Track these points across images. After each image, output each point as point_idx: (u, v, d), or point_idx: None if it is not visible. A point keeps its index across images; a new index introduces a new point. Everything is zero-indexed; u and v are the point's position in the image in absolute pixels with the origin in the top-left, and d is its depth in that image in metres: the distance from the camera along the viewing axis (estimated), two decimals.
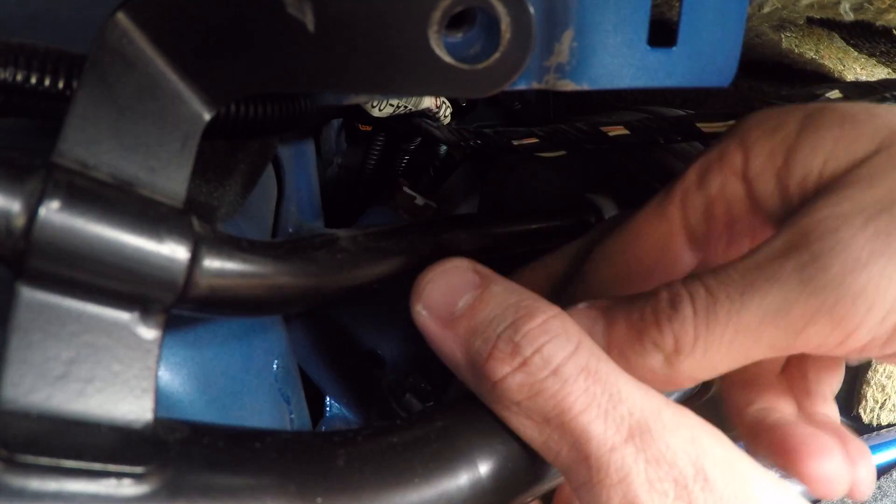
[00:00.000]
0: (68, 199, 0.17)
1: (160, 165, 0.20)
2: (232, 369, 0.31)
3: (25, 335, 0.18)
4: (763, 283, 0.23)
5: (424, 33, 0.19)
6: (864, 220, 0.22)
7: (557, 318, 0.24)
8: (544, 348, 0.23)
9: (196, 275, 0.20)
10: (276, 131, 0.29)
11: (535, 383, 0.23)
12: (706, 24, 0.23)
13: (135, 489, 0.17)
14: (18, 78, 0.22)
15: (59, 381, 0.18)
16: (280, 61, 0.20)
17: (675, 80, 0.23)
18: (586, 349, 0.24)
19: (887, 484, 0.61)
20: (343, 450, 0.21)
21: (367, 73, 0.20)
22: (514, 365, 0.24)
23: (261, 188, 0.40)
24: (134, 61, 0.19)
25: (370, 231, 0.30)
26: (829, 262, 0.22)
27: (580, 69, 0.22)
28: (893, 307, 0.21)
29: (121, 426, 0.18)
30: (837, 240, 0.22)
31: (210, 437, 0.20)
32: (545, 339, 0.24)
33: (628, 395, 0.22)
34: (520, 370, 0.24)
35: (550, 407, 0.23)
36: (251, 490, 0.19)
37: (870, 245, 0.21)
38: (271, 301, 0.24)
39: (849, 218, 0.22)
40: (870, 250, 0.21)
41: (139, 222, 0.19)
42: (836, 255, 0.22)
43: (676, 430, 0.22)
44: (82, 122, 0.19)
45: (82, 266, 0.18)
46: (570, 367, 0.23)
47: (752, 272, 0.23)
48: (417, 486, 0.22)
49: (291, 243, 0.26)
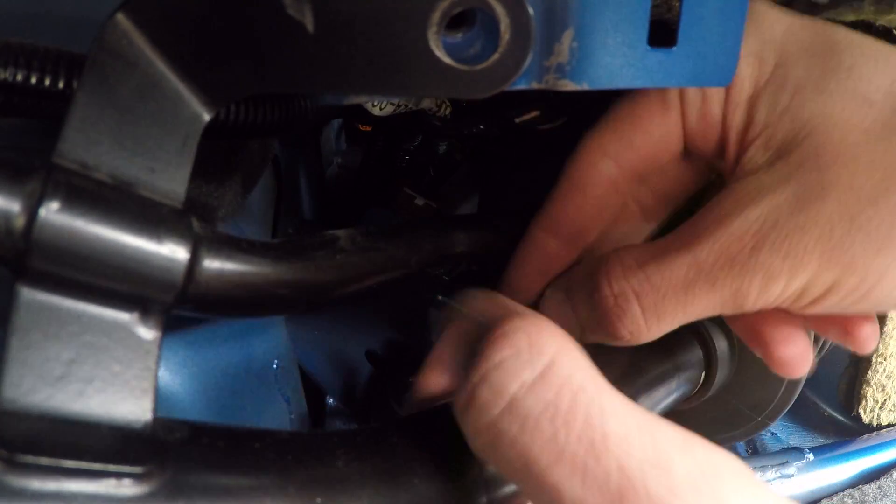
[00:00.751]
0: (68, 199, 0.17)
1: (160, 166, 0.20)
2: (232, 369, 0.31)
3: (25, 336, 0.18)
4: (703, 285, 0.25)
5: (424, 34, 0.19)
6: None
7: (523, 328, 0.19)
8: (492, 374, 0.18)
9: (196, 275, 0.20)
10: (275, 132, 0.29)
11: (489, 424, 0.18)
12: (706, 24, 0.23)
13: (134, 489, 0.17)
14: (18, 78, 0.22)
15: (59, 382, 0.18)
16: (280, 62, 0.20)
17: (675, 80, 0.23)
18: (562, 369, 0.18)
19: (887, 484, 0.61)
20: (343, 450, 0.21)
21: (367, 73, 0.20)
22: (463, 400, 0.19)
23: (261, 189, 0.40)
24: (134, 62, 0.19)
25: (370, 231, 0.30)
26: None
27: (580, 69, 0.22)
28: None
29: (120, 426, 0.18)
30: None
31: (209, 437, 0.20)
32: (497, 358, 0.18)
33: (616, 439, 0.17)
34: (469, 406, 0.19)
35: (513, 457, 0.18)
36: (251, 490, 0.19)
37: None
38: (271, 301, 0.24)
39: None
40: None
41: (139, 223, 0.19)
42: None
43: (681, 495, 0.16)
44: (82, 122, 0.19)
45: (82, 267, 0.18)
46: (532, 401, 0.17)
47: (694, 272, 0.26)
48: (417, 485, 0.22)
49: (291, 244, 0.26)
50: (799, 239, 0.24)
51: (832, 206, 0.24)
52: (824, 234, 0.24)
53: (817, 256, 0.24)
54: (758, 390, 0.40)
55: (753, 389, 0.40)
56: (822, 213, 0.24)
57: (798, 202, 0.24)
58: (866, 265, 0.24)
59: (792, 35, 0.26)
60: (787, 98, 0.25)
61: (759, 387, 0.40)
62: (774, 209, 0.24)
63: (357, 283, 0.28)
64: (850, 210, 0.23)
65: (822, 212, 0.24)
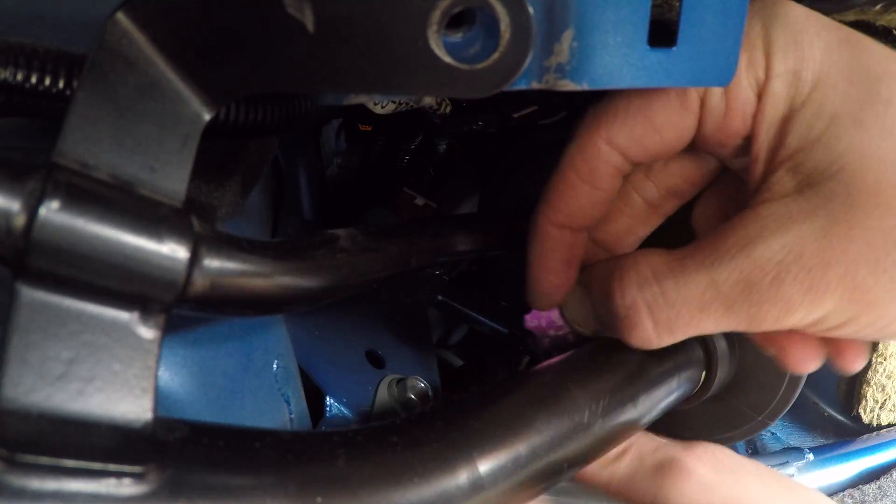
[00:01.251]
0: (68, 199, 0.17)
1: (160, 165, 0.20)
2: (232, 369, 0.31)
3: (25, 335, 0.18)
4: (719, 307, 0.26)
5: (424, 33, 0.19)
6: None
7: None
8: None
9: (196, 274, 0.20)
10: (275, 131, 0.29)
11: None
12: (706, 24, 0.23)
13: (134, 489, 0.17)
14: (19, 77, 0.22)
15: (59, 381, 0.18)
16: (280, 61, 0.20)
17: (675, 80, 0.23)
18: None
19: (887, 484, 0.61)
20: (343, 449, 0.21)
21: (367, 73, 0.20)
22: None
23: (261, 188, 0.40)
24: (134, 61, 0.19)
25: (370, 231, 0.30)
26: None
27: (580, 69, 0.22)
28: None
29: (120, 426, 0.18)
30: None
31: (209, 437, 0.20)
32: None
33: None
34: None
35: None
36: (251, 490, 0.19)
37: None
38: (271, 301, 0.24)
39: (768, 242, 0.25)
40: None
41: (139, 222, 0.19)
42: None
43: None
44: (82, 122, 0.19)
45: (82, 266, 0.18)
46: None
47: (712, 293, 0.26)
48: (417, 485, 0.22)
49: (291, 243, 0.26)
50: (822, 275, 0.24)
51: (859, 246, 0.23)
52: (849, 272, 0.23)
53: (839, 294, 0.24)
54: (758, 390, 0.40)
55: (753, 389, 0.40)
56: (848, 251, 0.23)
57: (825, 237, 0.24)
58: (885, 305, 0.24)
59: (831, 55, 0.25)
60: (823, 125, 0.25)
61: (760, 387, 0.40)
62: (800, 241, 0.24)
63: (356, 282, 0.28)
64: (876, 251, 0.23)
65: (849, 250, 0.23)
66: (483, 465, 0.23)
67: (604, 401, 0.29)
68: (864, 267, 0.23)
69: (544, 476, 0.26)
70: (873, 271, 0.23)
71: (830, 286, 0.24)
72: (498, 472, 0.24)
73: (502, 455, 0.24)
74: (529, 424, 0.26)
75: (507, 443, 0.24)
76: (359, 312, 0.51)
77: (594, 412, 0.28)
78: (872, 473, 0.62)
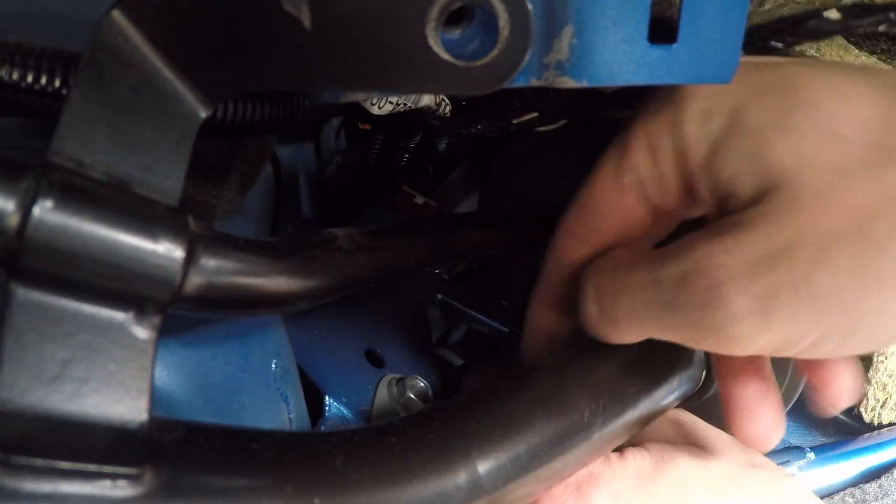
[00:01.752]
0: (63, 198, 0.17)
1: (156, 164, 0.20)
2: (230, 369, 0.31)
3: (20, 335, 0.17)
4: (660, 303, 0.26)
5: (422, 30, 0.19)
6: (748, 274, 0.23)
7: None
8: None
9: (192, 274, 0.20)
10: (273, 130, 0.29)
11: None
12: (707, 21, 0.23)
13: (130, 490, 0.17)
14: (14, 76, 0.22)
15: (55, 382, 0.18)
16: (277, 59, 0.19)
17: (676, 77, 0.23)
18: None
19: (888, 482, 0.61)
20: (341, 450, 0.21)
21: (365, 70, 0.20)
22: None
23: (259, 187, 0.40)
24: (129, 59, 0.19)
25: (368, 230, 0.30)
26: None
27: (580, 66, 0.22)
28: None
29: (116, 427, 0.18)
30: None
31: (206, 438, 0.20)
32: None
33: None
34: None
35: None
36: (248, 491, 0.19)
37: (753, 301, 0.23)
38: (268, 300, 0.24)
39: (731, 268, 0.24)
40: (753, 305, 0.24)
41: (134, 221, 0.18)
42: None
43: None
44: (77, 120, 0.18)
45: (77, 265, 0.18)
46: None
47: (652, 288, 0.26)
48: (416, 486, 0.21)
49: (288, 242, 0.26)
50: (769, 282, 0.23)
51: (809, 251, 0.22)
52: (800, 277, 0.23)
53: (792, 303, 0.23)
54: None
55: None
56: (796, 258, 0.22)
57: (770, 244, 0.23)
58: (851, 307, 0.23)
59: (740, 79, 0.24)
60: (749, 144, 0.24)
61: None
62: (744, 246, 0.23)
63: (355, 281, 0.28)
64: (827, 253, 0.22)
65: (797, 257, 0.22)
66: (482, 466, 0.23)
67: (604, 400, 0.28)
68: (818, 271, 0.22)
69: (544, 476, 0.26)
70: (830, 274, 0.22)
71: (780, 293, 0.23)
72: (497, 472, 0.23)
73: (501, 455, 0.24)
74: (529, 424, 0.25)
75: (506, 443, 0.24)
76: (358, 312, 0.51)
77: (594, 412, 0.28)
78: (873, 472, 0.62)
